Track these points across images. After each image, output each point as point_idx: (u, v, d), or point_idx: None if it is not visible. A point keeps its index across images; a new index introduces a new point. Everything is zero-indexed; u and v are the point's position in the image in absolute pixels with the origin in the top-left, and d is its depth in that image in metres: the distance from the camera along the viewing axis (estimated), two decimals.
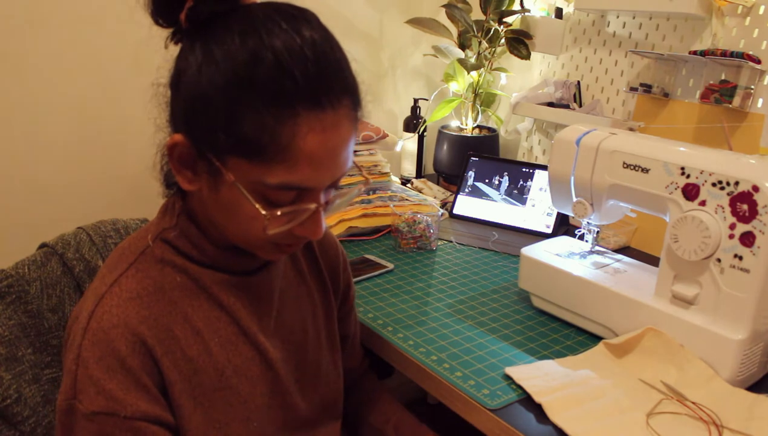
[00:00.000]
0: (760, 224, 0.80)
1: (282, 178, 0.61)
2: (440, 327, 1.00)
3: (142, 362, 0.65)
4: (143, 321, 0.66)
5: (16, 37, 1.19)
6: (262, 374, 0.74)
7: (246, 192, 0.62)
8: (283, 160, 0.60)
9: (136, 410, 0.63)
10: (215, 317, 0.71)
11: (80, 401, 0.62)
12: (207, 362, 0.70)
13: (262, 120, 0.59)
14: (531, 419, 0.79)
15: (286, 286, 0.81)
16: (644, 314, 0.91)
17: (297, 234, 0.67)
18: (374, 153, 1.48)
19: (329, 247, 0.91)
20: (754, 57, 1.20)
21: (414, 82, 1.88)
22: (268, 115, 0.59)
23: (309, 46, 0.60)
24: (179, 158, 0.65)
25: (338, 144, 0.63)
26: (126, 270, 0.69)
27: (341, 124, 0.62)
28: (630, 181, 0.94)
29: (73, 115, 1.29)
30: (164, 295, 0.69)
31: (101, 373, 0.63)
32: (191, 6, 0.61)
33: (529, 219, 1.43)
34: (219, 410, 0.70)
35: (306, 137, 0.60)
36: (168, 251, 0.71)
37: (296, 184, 0.62)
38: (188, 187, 0.67)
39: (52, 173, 1.29)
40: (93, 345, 0.64)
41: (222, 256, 0.72)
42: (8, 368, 0.80)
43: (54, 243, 0.92)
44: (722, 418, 0.78)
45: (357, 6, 1.68)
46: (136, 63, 1.31)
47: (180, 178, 0.66)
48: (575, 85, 1.59)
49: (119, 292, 0.67)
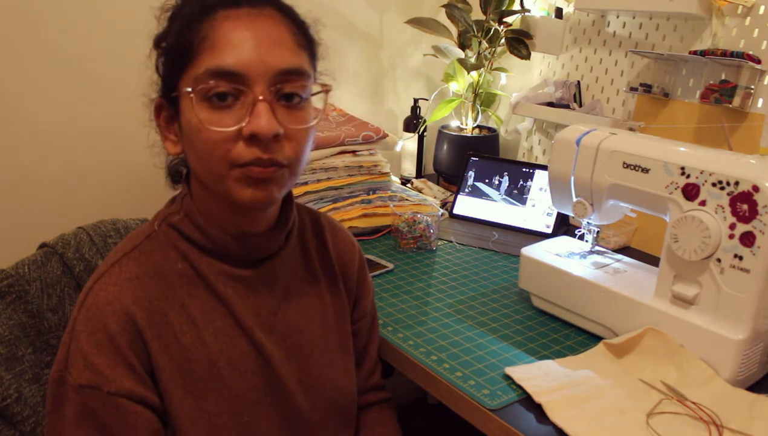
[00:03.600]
0: (760, 224, 0.80)
1: (207, 65, 0.64)
2: (440, 327, 1.00)
3: (131, 341, 0.66)
4: (137, 302, 0.68)
5: (17, 36, 1.19)
6: (258, 369, 0.74)
7: (193, 98, 0.65)
8: (205, 49, 0.65)
9: (120, 387, 0.64)
10: (212, 308, 0.72)
11: (70, 374, 0.64)
12: (200, 352, 0.70)
13: (189, 26, 0.66)
14: (531, 419, 0.79)
15: (294, 283, 0.80)
16: (644, 314, 0.91)
17: (244, 133, 0.64)
18: (374, 153, 1.47)
19: (344, 245, 0.89)
20: (754, 57, 1.20)
21: (414, 82, 1.88)
22: (193, 22, 0.66)
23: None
24: (165, 120, 0.71)
25: (258, 32, 0.66)
26: (130, 251, 0.71)
27: (260, 17, 0.67)
28: (630, 181, 0.94)
29: (73, 114, 1.29)
30: (163, 280, 0.70)
31: (90, 347, 0.64)
32: None
33: (529, 219, 1.43)
34: (209, 400, 0.71)
35: (223, 24, 0.65)
36: (173, 235, 0.73)
37: (219, 67, 0.64)
38: (175, 151, 0.71)
39: (52, 173, 1.29)
40: (86, 320, 0.66)
41: (226, 241, 0.72)
42: (8, 368, 0.80)
43: (54, 243, 0.92)
44: (722, 418, 0.78)
45: (357, 6, 1.68)
46: (139, 61, 1.31)
47: (167, 143, 0.72)
48: (575, 85, 1.59)
49: (119, 272, 0.69)
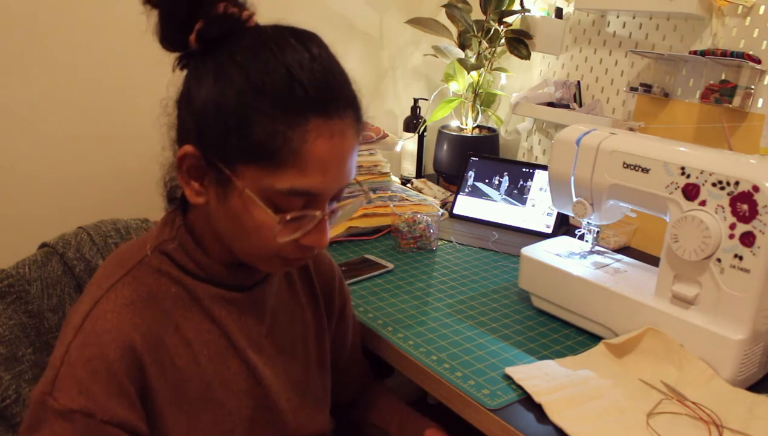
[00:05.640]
0: (760, 224, 0.80)
1: (292, 183, 0.63)
2: (440, 327, 1.00)
3: (128, 368, 0.65)
4: (135, 328, 0.67)
5: (17, 35, 1.19)
6: (250, 388, 0.75)
7: (257, 198, 0.64)
8: (293, 164, 0.62)
9: (113, 416, 0.63)
10: (206, 330, 0.72)
11: (55, 399, 0.62)
12: (194, 373, 0.71)
13: (274, 125, 0.62)
14: (531, 419, 0.79)
15: (280, 304, 0.82)
16: (644, 314, 0.91)
17: (303, 243, 0.68)
18: (374, 153, 1.48)
19: (324, 267, 0.91)
20: (754, 57, 1.20)
21: (414, 82, 1.88)
22: (280, 121, 0.62)
23: (317, 60, 0.64)
24: (188, 170, 0.67)
25: (345, 151, 0.66)
26: (123, 277, 0.70)
27: (347, 133, 0.66)
28: (630, 181, 0.94)
29: (74, 114, 1.29)
30: (157, 304, 0.70)
31: (87, 374, 0.63)
32: (201, 27, 0.64)
33: (529, 219, 1.43)
34: (202, 420, 0.71)
35: (316, 142, 0.63)
36: (165, 263, 0.72)
37: (306, 189, 0.64)
38: (196, 200, 0.68)
39: (52, 173, 1.29)
40: (83, 346, 0.64)
41: (219, 271, 0.73)
42: (8, 368, 0.80)
43: (54, 243, 0.92)
44: (722, 418, 0.78)
45: (357, 6, 1.68)
46: (139, 61, 1.31)
47: (188, 190, 0.68)
48: (575, 85, 1.59)
49: (115, 297, 0.68)
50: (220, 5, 0.64)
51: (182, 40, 0.65)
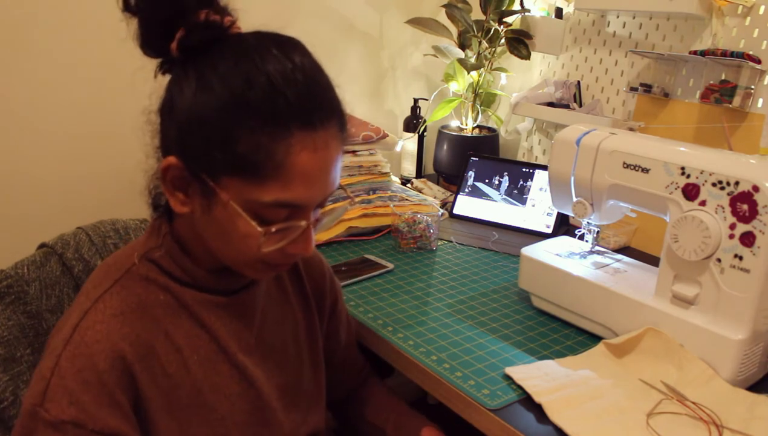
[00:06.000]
0: (760, 224, 0.80)
1: (276, 196, 0.63)
2: (440, 327, 1.00)
3: (119, 378, 0.65)
4: (125, 337, 0.67)
5: (17, 35, 1.19)
6: (243, 391, 0.75)
7: (241, 210, 0.64)
8: (277, 177, 0.62)
9: (104, 426, 0.63)
10: (195, 335, 0.72)
11: (46, 410, 0.62)
12: (185, 379, 0.71)
13: (257, 139, 0.61)
14: (531, 419, 0.78)
15: (269, 305, 0.82)
16: (644, 314, 0.91)
17: (289, 252, 0.68)
18: (374, 153, 1.47)
19: (314, 264, 0.91)
20: (754, 57, 1.20)
21: (414, 82, 1.88)
22: (263, 134, 0.61)
23: (299, 70, 0.63)
24: (172, 181, 0.67)
25: (329, 163, 0.65)
26: (111, 287, 0.70)
27: (330, 144, 0.65)
28: (630, 181, 0.93)
29: (73, 114, 1.29)
30: (146, 312, 0.70)
31: (77, 385, 0.63)
32: (182, 35, 0.63)
33: (529, 219, 1.43)
34: (194, 425, 0.71)
35: (300, 155, 0.62)
36: (153, 270, 0.72)
37: (290, 202, 0.64)
38: (180, 209, 0.68)
39: (51, 173, 1.29)
40: (74, 357, 0.64)
41: (206, 277, 0.73)
42: (6, 369, 0.80)
43: (53, 243, 0.91)
44: (722, 418, 0.77)
45: (357, 6, 1.68)
46: (139, 61, 1.31)
47: (172, 200, 0.68)
48: (575, 85, 1.59)
49: (104, 308, 0.68)
50: (201, 13, 0.63)
51: (163, 47, 0.64)
